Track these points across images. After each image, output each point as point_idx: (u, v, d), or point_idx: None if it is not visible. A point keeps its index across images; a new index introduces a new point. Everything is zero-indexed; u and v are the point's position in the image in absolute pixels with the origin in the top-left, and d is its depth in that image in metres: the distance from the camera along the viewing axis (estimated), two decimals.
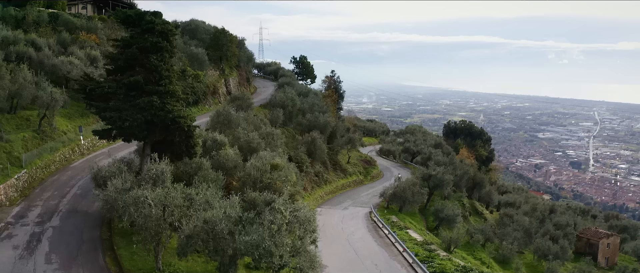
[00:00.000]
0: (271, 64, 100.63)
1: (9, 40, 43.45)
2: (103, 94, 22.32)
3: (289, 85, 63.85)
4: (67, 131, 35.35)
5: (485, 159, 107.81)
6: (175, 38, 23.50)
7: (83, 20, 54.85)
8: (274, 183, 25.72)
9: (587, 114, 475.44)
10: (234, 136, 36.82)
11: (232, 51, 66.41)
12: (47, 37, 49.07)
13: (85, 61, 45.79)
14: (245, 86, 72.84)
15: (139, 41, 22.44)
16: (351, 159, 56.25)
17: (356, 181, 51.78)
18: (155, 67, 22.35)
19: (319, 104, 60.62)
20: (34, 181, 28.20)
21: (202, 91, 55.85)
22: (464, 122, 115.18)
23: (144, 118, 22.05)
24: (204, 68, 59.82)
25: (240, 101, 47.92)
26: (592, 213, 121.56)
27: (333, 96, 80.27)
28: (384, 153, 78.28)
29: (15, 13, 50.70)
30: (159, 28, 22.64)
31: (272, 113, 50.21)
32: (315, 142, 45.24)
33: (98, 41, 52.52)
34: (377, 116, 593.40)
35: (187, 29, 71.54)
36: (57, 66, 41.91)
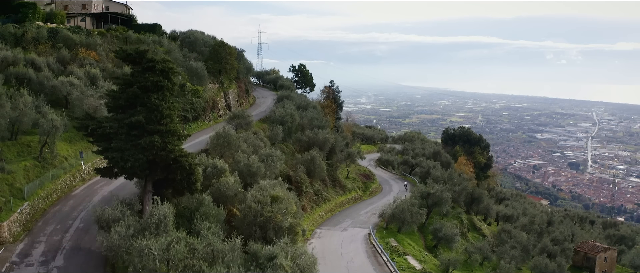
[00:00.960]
0: (270, 72, 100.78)
1: (9, 60, 43.62)
2: (105, 134, 22.52)
3: (288, 98, 64.02)
4: (68, 157, 35.53)
5: (484, 166, 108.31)
6: (176, 76, 23.65)
7: (82, 36, 54.94)
8: (275, 217, 25.97)
9: (586, 114, 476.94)
10: (234, 159, 37.09)
11: (231, 64, 66.57)
12: (47, 55, 49.23)
13: (85, 81, 45.95)
14: (245, 98, 73.03)
15: (140, 80, 22.65)
16: (350, 174, 56.54)
17: (355, 198, 52.06)
18: (156, 106, 22.57)
19: (318, 118, 60.86)
20: (37, 212, 28.40)
21: (202, 107, 56.04)
22: (463, 128, 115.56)
23: (146, 157, 22.28)
24: (203, 82, 60.02)
25: (239, 119, 48.13)
26: (590, 219, 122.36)
27: (332, 106, 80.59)
28: (382, 164, 78.55)
29: (15, 30, 50.77)
30: (159, 67, 22.85)
31: (272, 130, 50.44)
32: (314, 160, 45.52)
33: (98, 58, 52.71)
34: (376, 117, 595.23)
35: (186, 41, 71.72)
36: (57, 87, 42.09)
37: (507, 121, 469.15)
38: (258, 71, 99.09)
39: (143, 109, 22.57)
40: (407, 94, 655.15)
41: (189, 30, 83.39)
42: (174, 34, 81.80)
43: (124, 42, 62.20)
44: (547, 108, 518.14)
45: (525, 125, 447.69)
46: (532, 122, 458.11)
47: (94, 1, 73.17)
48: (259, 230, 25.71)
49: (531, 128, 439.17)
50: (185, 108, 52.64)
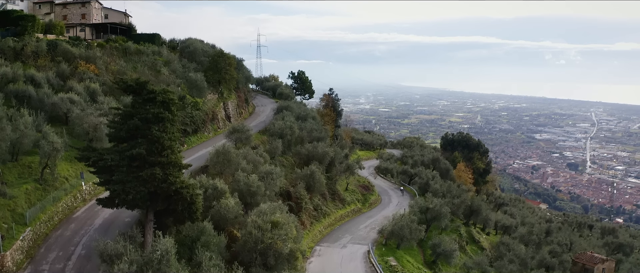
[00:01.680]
0: (269, 78, 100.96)
1: (8, 77, 43.72)
2: (106, 167, 22.69)
3: (288, 109, 64.18)
4: (69, 177, 35.65)
5: (483, 171, 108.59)
6: (176, 107, 23.81)
7: (82, 49, 54.99)
8: (275, 243, 26.17)
9: (584, 115, 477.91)
10: (234, 178, 37.27)
11: (230, 74, 66.69)
12: (46, 70, 49.29)
13: (84, 96, 46.07)
14: (244, 107, 73.18)
15: (141, 112, 22.80)
16: (349, 186, 56.76)
17: (354, 210, 52.29)
18: (157, 138, 22.73)
19: (317, 129, 61.02)
20: (39, 238, 28.55)
21: (201, 119, 56.18)
22: (462, 133, 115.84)
23: (147, 189, 22.45)
24: (202, 94, 60.16)
25: (239, 133, 48.27)
26: (588, 223, 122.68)
27: (331, 115, 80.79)
28: (381, 172, 78.75)
29: (14, 44, 50.82)
30: (160, 98, 23.01)
31: (271, 144, 50.62)
32: (314, 175, 45.72)
33: (97, 71, 52.77)
34: (375, 117, 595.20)
35: (185, 51, 71.82)
36: (57, 104, 42.23)
37: (506, 121, 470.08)
38: (257, 77, 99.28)
39: (144, 141, 22.73)
40: (406, 94, 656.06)
41: (188, 39, 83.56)
42: (173, 42, 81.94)
43: (123, 54, 62.36)
44: (546, 108, 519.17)
45: (524, 125, 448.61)
46: (531, 122, 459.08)
47: (93, 10, 73.28)
48: (260, 256, 25.91)
49: (530, 128, 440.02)
50: (185, 121, 52.79)
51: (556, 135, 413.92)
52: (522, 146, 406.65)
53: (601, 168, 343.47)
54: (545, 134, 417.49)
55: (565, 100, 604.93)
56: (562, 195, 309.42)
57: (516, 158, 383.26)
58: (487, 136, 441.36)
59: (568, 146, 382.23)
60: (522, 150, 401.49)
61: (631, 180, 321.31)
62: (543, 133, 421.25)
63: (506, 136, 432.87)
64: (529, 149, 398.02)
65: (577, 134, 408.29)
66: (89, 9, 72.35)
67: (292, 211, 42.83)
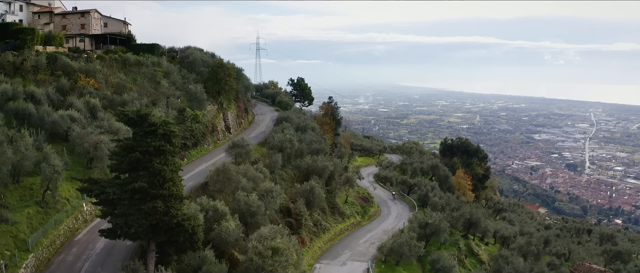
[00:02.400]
0: (269, 85, 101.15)
1: (8, 94, 43.80)
2: (108, 200, 22.87)
3: (287, 120, 64.35)
4: (70, 197, 35.79)
5: (482, 177, 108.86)
6: (177, 138, 23.99)
7: (81, 63, 55.11)
8: (276, 271, 26.37)
9: (583, 115, 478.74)
10: (234, 197, 37.46)
11: (230, 85, 66.84)
12: (46, 85, 49.38)
13: (85, 112, 46.17)
14: (244, 117, 73.33)
15: (142, 144, 22.97)
16: (349, 198, 56.98)
17: (354, 224, 52.53)
18: (158, 171, 22.91)
19: (317, 141, 61.21)
20: (41, 264, 28.72)
21: (201, 132, 56.32)
22: (461, 139, 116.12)
23: (149, 222, 22.63)
24: (202, 106, 60.30)
25: (238, 148, 48.44)
26: (587, 228, 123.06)
27: (330, 123, 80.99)
28: (381, 180, 78.98)
29: (14, 59, 50.89)
30: (161, 131, 23.18)
31: (271, 158, 50.82)
32: (313, 191, 45.93)
33: (97, 86, 52.86)
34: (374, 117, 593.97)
35: (185, 61, 71.92)
36: (57, 122, 42.34)
37: (505, 121, 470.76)
38: (256, 84, 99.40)
39: (146, 174, 22.91)
40: (405, 94, 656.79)
41: (187, 48, 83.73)
42: (172, 51, 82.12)
43: (123, 65, 62.48)
44: (545, 108, 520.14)
45: (523, 126, 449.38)
46: (530, 122, 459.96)
47: (92, 21, 73.35)
48: None
49: (529, 128, 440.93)
50: (185, 135, 52.96)
51: (555, 135, 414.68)
52: (521, 147, 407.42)
53: (600, 169, 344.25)
54: (544, 135, 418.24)
55: (564, 100, 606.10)
56: (561, 196, 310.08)
57: (515, 158, 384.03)
58: (486, 136, 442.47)
59: (567, 147, 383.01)
60: (521, 151, 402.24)
61: (630, 180, 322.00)
62: (542, 134, 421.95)
63: (505, 137, 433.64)
64: (527, 149, 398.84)
65: (576, 134, 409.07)
66: (88, 19, 72.44)
67: (292, 228, 43.06)
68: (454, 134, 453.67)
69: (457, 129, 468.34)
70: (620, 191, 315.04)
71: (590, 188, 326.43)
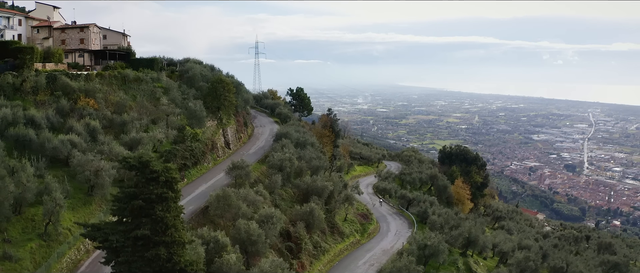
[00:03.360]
0: (268, 95, 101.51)
1: (8, 119, 43.91)
2: (112, 248, 23.12)
3: (287, 136, 64.62)
4: (72, 227, 35.99)
5: (480, 185, 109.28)
6: (179, 185, 24.23)
7: (81, 82, 55.17)
8: None
9: (582, 115, 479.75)
10: (235, 226, 37.74)
11: (229, 100, 67.04)
12: (46, 107, 49.52)
13: (85, 136, 46.34)
14: (243, 131, 73.55)
15: (144, 191, 23.20)
16: (348, 216, 57.30)
17: (353, 243, 52.86)
18: (161, 218, 23.15)
19: (316, 157, 61.48)
20: None
21: (201, 151, 56.52)
22: (459, 147, 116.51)
23: (152, 269, 22.89)
24: (202, 124, 60.49)
25: (238, 170, 48.69)
26: (586, 234, 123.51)
27: (330, 136, 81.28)
28: (379, 192, 79.35)
29: (13, 80, 50.99)
30: (163, 178, 23.41)
31: (271, 178, 51.13)
32: (313, 213, 46.23)
33: (97, 106, 52.99)
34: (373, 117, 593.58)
35: (185, 76, 72.07)
36: (58, 148, 42.49)
37: (503, 122, 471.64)
38: (255, 94, 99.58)
39: (148, 221, 23.15)
40: (404, 94, 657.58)
41: (186, 60, 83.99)
42: (171, 64, 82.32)
43: (122, 82, 62.58)
44: (544, 108, 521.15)
45: (522, 126, 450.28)
46: (529, 123, 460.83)
47: (91, 35, 73.45)
48: None
49: (528, 129, 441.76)
50: (185, 155, 53.19)
51: (554, 136, 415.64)
52: (519, 147, 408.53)
53: (598, 170, 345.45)
54: (543, 135, 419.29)
55: (563, 100, 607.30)
56: (560, 197, 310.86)
57: (514, 159, 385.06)
58: (485, 136, 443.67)
59: (565, 147, 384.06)
60: (520, 151, 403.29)
61: (628, 181, 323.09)
62: (540, 134, 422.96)
63: (504, 137, 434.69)
64: (526, 150, 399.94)
65: (574, 135, 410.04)
66: (87, 33, 72.53)
67: (292, 252, 43.41)
68: (452, 135, 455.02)
69: (456, 129, 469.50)
70: (619, 192, 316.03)
71: (588, 189, 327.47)
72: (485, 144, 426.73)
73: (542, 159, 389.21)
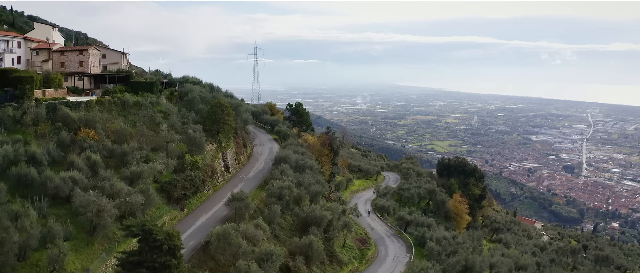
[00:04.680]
0: (267, 109, 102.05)
1: (10, 157, 44.27)
2: None
3: (286, 161, 65.17)
4: (75, 271, 36.45)
5: (479, 197, 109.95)
6: (181, 251, 24.77)
7: (81, 113, 55.51)
8: None
9: (581, 115, 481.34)
10: (236, 267, 38.28)
11: (229, 124, 67.50)
12: (47, 141, 49.83)
13: (86, 171, 46.73)
14: (242, 152, 74.04)
15: (148, 260, 23.73)
16: (347, 242, 57.88)
17: (352, 271, 53.44)
18: None
19: (315, 182, 62.02)
20: None
21: (201, 179, 56.98)
22: (458, 159, 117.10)
23: None
24: (202, 150, 60.94)
25: (238, 202, 49.22)
26: (583, 243, 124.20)
27: (329, 154, 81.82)
28: (378, 209, 79.98)
29: (14, 112, 51.33)
30: (166, 246, 23.93)
31: (270, 209, 51.71)
32: (312, 246, 46.79)
33: (97, 137, 53.33)
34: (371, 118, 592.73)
35: (184, 99, 72.45)
36: (60, 187, 42.91)
37: (502, 122, 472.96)
38: (254, 110, 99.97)
39: None
40: (403, 94, 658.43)
41: (185, 79, 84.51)
42: (171, 84, 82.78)
43: (122, 108, 62.95)
44: (542, 108, 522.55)
45: (521, 126, 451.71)
46: (527, 123, 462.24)
47: (91, 58, 73.76)
48: None
49: (526, 129, 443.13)
50: (185, 185, 53.67)
51: (552, 136, 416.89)
52: (518, 148, 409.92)
53: (597, 171, 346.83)
54: (542, 136, 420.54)
55: (562, 101, 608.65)
56: (558, 198, 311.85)
57: (512, 160, 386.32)
58: (484, 137, 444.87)
59: (564, 148, 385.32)
60: (519, 152, 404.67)
61: (627, 182, 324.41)
62: (539, 135, 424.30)
63: (502, 138, 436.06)
64: (525, 151, 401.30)
65: (573, 135, 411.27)
66: (86, 56, 72.85)
67: None
68: (451, 136, 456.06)
69: (455, 130, 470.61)
70: (617, 194, 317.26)
71: (587, 191, 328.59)
72: (484, 145, 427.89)
73: (540, 160, 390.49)
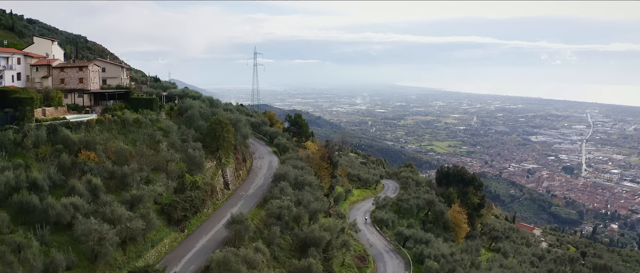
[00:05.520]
0: (266, 121, 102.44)
1: (11, 184, 44.68)
2: None
3: (285, 178, 65.62)
4: None
5: (478, 206, 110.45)
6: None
7: (81, 134, 55.92)
8: None
9: (580, 116, 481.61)
10: None
11: (228, 141, 67.91)
12: (48, 164, 50.19)
13: (87, 197, 47.13)
14: (242, 167, 74.47)
15: None
16: (346, 260, 58.33)
17: None
18: None
19: (315, 200, 62.45)
20: None
21: (201, 199, 57.39)
22: (457, 167, 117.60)
23: None
24: (201, 169, 61.33)
25: (237, 225, 49.65)
26: (582, 250, 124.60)
27: (328, 168, 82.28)
28: (377, 223, 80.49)
29: (14, 136, 51.71)
30: None
31: (270, 230, 52.17)
32: (311, 268, 47.21)
33: (97, 159, 53.70)
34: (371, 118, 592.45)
35: (184, 115, 72.81)
36: (61, 214, 43.31)
37: (501, 123, 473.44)
38: (253, 121, 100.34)
39: None
40: (402, 94, 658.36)
41: (185, 94, 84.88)
42: (171, 97, 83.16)
43: (122, 126, 63.36)
44: (542, 109, 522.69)
45: (520, 127, 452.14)
46: (527, 124, 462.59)
47: (90, 74, 74.08)
48: None
49: (526, 130, 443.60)
50: (185, 207, 54.07)
51: (552, 137, 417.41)
52: (517, 149, 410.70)
53: (596, 172, 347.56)
54: (541, 136, 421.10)
55: (561, 101, 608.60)
56: (557, 200, 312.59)
57: (512, 161, 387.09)
58: (483, 138, 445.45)
59: (564, 149, 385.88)
60: (518, 153, 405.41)
61: (626, 183, 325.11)
62: (539, 135, 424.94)
63: (502, 138, 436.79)
64: (524, 151, 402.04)
65: (572, 136, 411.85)
66: (86, 73, 73.21)
67: None
68: (451, 136, 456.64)
69: (454, 130, 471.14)
70: (617, 195, 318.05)
71: (586, 192, 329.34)
72: (483, 145, 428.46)
73: (540, 161, 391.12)
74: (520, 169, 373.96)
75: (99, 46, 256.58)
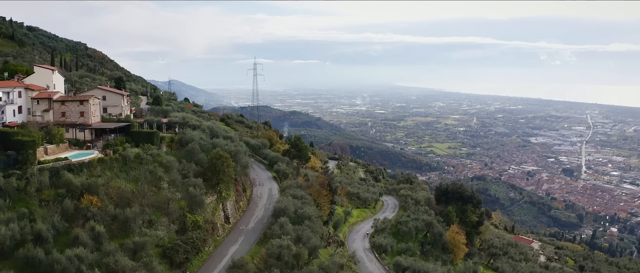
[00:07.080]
0: (266, 144, 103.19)
1: (16, 238, 45.57)
2: None
3: (285, 213, 66.48)
4: None
5: (476, 223, 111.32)
6: None
7: (83, 177, 56.72)
8: None
9: (580, 117, 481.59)
10: None
11: (229, 175, 68.70)
12: (51, 211, 51.01)
13: (91, 246, 48.00)
14: (242, 198, 75.28)
15: None
16: None
17: None
18: None
19: (314, 234, 63.30)
20: None
21: (202, 239, 58.23)
22: (455, 184, 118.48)
23: None
24: (202, 207, 62.15)
25: (239, 270, 50.52)
26: (579, 263, 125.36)
27: (328, 195, 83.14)
28: (376, 249, 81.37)
29: (17, 183, 52.49)
30: None
31: (270, 272, 52.97)
32: None
33: (100, 204, 54.54)
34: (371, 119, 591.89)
35: (184, 149, 73.56)
36: (66, 268, 44.19)
37: (501, 124, 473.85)
38: (254, 144, 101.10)
39: None
40: (402, 95, 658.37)
41: (185, 123, 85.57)
42: (171, 125, 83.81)
43: (123, 163, 64.17)
44: (542, 110, 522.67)
45: (520, 128, 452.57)
46: (527, 125, 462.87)
47: (91, 108, 74.87)
48: None
49: (526, 131, 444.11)
50: (186, 249, 54.93)
51: (552, 138, 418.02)
52: (517, 150, 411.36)
53: (596, 174, 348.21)
54: (541, 138, 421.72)
55: (561, 102, 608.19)
56: (557, 203, 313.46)
57: (512, 162, 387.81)
58: (483, 139, 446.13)
59: (563, 151, 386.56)
60: (518, 154, 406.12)
61: (626, 186, 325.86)
62: (539, 137, 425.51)
63: (502, 140, 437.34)
64: (524, 153, 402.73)
65: (572, 137, 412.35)
66: (87, 107, 73.99)
67: None
68: (451, 138, 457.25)
69: (454, 132, 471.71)
70: (616, 198, 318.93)
71: (586, 194, 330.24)
72: (483, 147, 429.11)
73: (540, 162, 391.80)
74: (520, 171, 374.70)
75: (99, 52, 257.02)
